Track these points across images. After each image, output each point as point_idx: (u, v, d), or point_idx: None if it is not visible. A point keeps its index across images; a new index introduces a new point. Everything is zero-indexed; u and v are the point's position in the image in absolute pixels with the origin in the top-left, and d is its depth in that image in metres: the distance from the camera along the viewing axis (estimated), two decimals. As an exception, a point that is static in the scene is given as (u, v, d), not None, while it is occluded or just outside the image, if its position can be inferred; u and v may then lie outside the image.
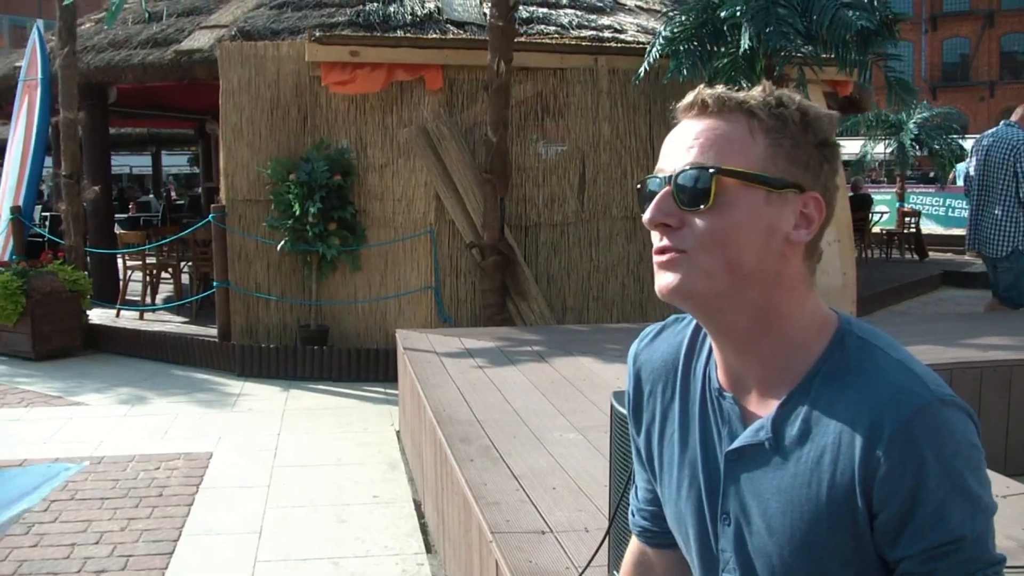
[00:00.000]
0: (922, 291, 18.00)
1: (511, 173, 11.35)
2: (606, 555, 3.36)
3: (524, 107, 11.94)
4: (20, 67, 15.02)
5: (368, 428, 9.08)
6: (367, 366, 11.20)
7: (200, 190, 27.81)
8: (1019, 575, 3.28)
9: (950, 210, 29.98)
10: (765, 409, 1.77)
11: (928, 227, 27.26)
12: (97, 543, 6.29)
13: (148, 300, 14.58)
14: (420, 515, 6.74)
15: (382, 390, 10.55)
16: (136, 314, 13.97)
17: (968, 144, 31.52)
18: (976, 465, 1.63)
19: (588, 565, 3.15)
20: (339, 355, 11.26)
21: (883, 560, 1.69)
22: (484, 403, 6.27)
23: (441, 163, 11.48)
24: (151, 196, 32.35)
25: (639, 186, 1.79)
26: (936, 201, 30.58)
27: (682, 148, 1.72)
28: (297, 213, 11.21)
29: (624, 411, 3.12)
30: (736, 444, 1.79)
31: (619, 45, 12.44)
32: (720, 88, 1.73)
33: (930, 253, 23.23)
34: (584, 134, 12.15)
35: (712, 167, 1.66)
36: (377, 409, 9.84)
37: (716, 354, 1.86)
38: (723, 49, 10.57)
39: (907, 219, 24.23)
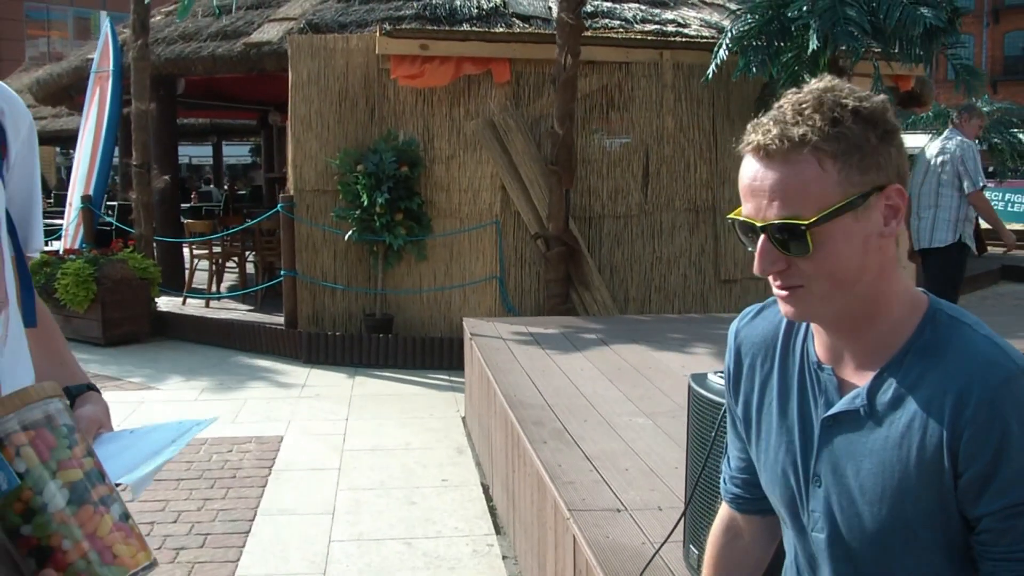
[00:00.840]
0: (980, 285, 17.91)
1: (576, 165, 11.45)
2: (682, 531, 3.47)
3: (589, 100, 12.04)
4: (92, 59, 15.25)
5: (434, 414, 9.23)
6: (431, 354, 11.34)
7: (259, 181, 27.97)
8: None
9: (1009, 204, 29.78)
10: (861, 380, 1.91)
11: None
12: (175, 522, 6.46)
13: (214, 288, 14.77)
14: (488, 498, 6.87)
15: (447, 377, 10.70)
16: (202, 302, 14.15)
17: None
18: None
19: (667, 540, 3.26)
20: (404, 343, 11.41)
21: (966, 521, 1.81)
22: (553, 388, 6.39)
23: (507, 155, 11.60)
24: (212, 186, 32.64)
25: (730, 221, 1.91)
26: (995, 196, 30.34)
27: (763, 198, 1.81)
28: (365, 203, 11.35)
29: (703, 392, 3.25)
30: (833, 411, 1.94)
31: (683, 40, 12.50)
32: (771, 124, 1.81)
33: (988, 247, 23.10)
34: (648, 127, 12.24)
35: (803, 224, 1.76)
36: (443, 396, 9.99)
37: (816, 332, 2.01)
38: (788, 44, 10.62)
39: (967, 214, 24.02)
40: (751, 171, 1.84)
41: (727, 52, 10.78)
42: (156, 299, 13.32)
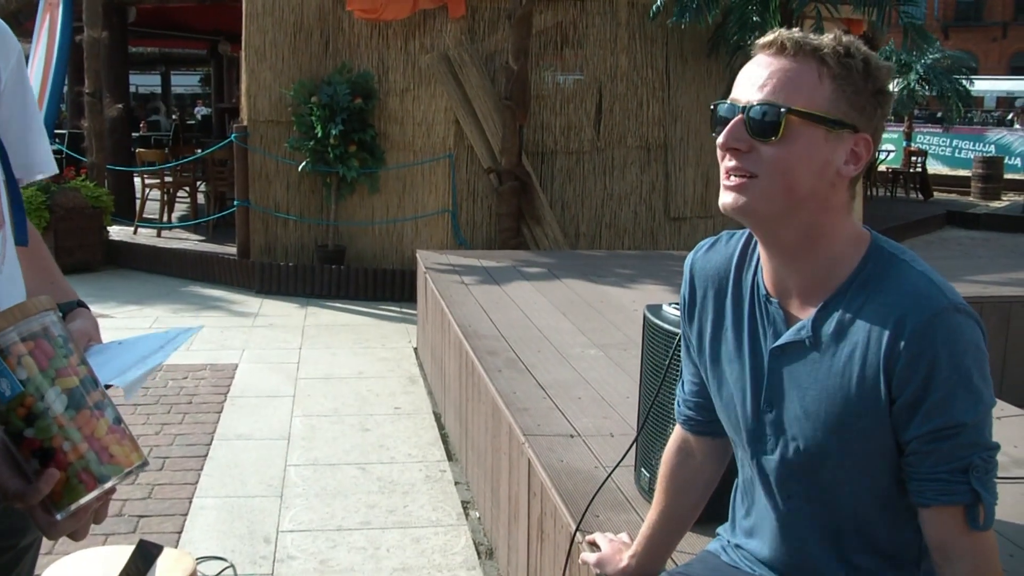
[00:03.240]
0: (926, 230, 18.16)
1: (530, 101, 11.52)
2: (634, 456, 3.61)
3: (544, 37, 12.10)
4: (42, -15, 15.09)
5: (386, 344, 9.35)
6: (383, 286, 11.45)
7: (205, 111, 27.74)
8: (1009, 484, 3.54)
9: (956, 151, 30.08)
10: (806, 313, 2.10)
11: (934, 167, 27.33)
12: (133, 445, 6.53)
13: (165, 218, 14.77)
14: (440, 427, 7.01)
15: (398, 309, 10.82)
16: (153, 232, 14.16)
17: (979, 85, 31.33)
18: (981, 365, 1.95)
19: (620, 463, 3.38)
20: (356, 275, 11.51)
21: (898, 443, 2.02)
22: (507, 320, 6.50)
23: (461, 89, 11.66)
24: (161, 115, 32.36)
25: (712, 107, 2.08)
26: (943, 142, 30.63)
27: (757, 83, 1.99)
28: (319, 135, 11.39)
29: (657, 322, 3.37)
30: (780, 342, 2.13)
31: (639, -23, 12.56)
32: (798, 32, 1.99)
33: (935, 193, 23.35)
34: (602, 65, 12.32)
35: (783, 107, 1.94)
36: (395, 327, 10.11)
37: (764, 264, 2.18)
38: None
39: (913, 158, 24.26)
40: (755, 63, 2.03)
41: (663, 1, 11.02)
42: (108, 228, 13.29)
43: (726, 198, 2.03)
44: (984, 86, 38.17)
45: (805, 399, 2.08)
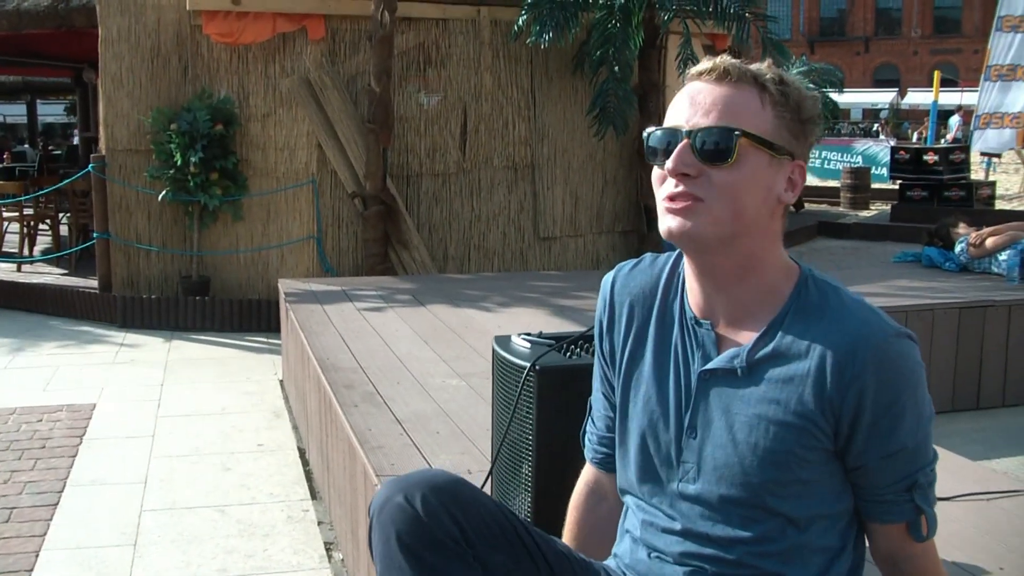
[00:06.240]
0: (798, 241, 18.31)
1: (393, 123, 11.36)
2: (489, 494, 3.47)
3: (406, 57, 11.95)
4: None
5: (251, 377, 9.12)
6: (249, 316, 11.20)
7: (76, 140, 27.26)
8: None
9: (825, 162, 30.53)
10: (738, 338, 2.09)
11: (804, 178, 27.66)
12: (-20, 495, 6.27)
13: (26, 252, 14.38)
14: (305, 462, 6.81)
15: (265, 340, 10.58)
16: (13, 266, 13.74)
17: (845, 98, 31.85)
18: (922, 384, 1.99)
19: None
20: (221, 305, 11.25)
21: (841, 461, 2.04)
22: (367, 350, 6.35)
23: (323, 113, 11.47)
24: (27, 146, 31.72)
25: (644, 135, 2.08)
26: (812, 153, 30.90)
27: (702, 108, 1.99)
28: (179, 163, 11.12)
29: (505, 355, 3.24)
30: (710, 366, 2.09)
31: (501, -4, 12.49)
32: (734, 60, 2.01)
33: (806, 204, 23.60)
34: (466, 84, 12.21)
35: (737, 130, 1.95)
36: (260, 359, 9.88)
37: (691, 288, 2.15)
38: (600, 1, 10.70)
39: (783, 170, 24.50)
40: (694, 90, 2.03)
41: (524, 20, 11.00)
42: (-38, 264, 12.90)
43: (671, 223, 2.00)
44: (850, 98, 38.90)
45: (733, 427, 2.05)
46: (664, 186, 2.03)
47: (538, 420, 3.09)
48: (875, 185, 25.04)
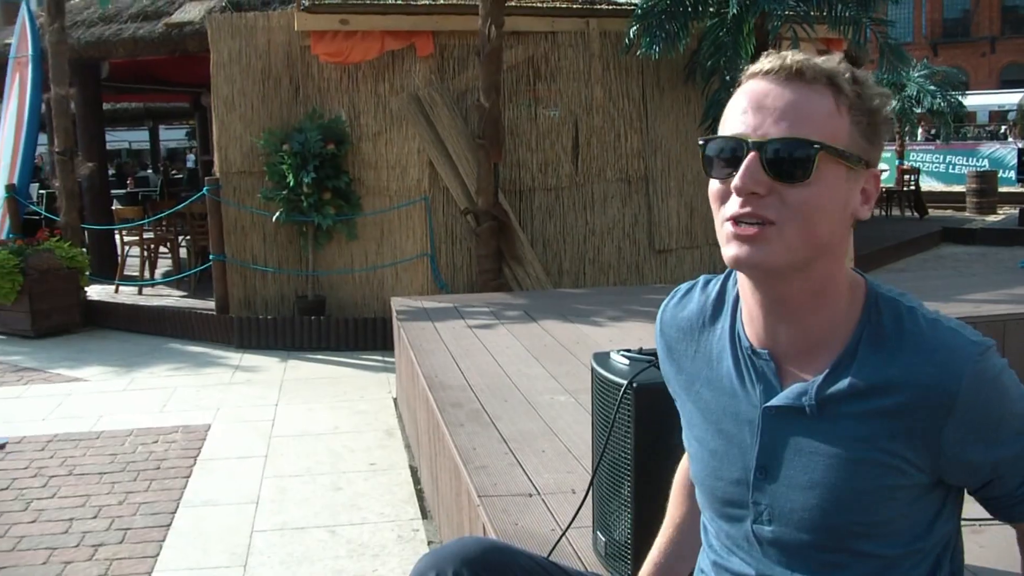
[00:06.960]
0: (921, 248, 17.98)
1: (504, 138, 11.31)
2: (590, 514, 3.37)
3: (515, 72, 11.91)
4: (11, 44, 14.95)
5: (365, 396, 9.10)
6: (364, 335, 11.19)
7: (194, 163, 27.67)
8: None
9: (950, 167, 29.99)
10: (803, 369, 1.85)
11: (928, 184, 27.24)
12: (95, 517, 6.30)
13: (146, 275, 14.58)
14: (416, 481, 6.75)
15: (380, 358, 10.57)
16: (135, 289, 13.96)
17: (971, 100, 31.34)
18: (1015, 383, 1.82)
19: (569, 526, 3.16)
20: (336, 325, 11.26)
21: (945, 489, 1.88)
22: (476, 368, 6.29)
23: (433, 130, 11.46)
24: (149, 171, 32.28)
25: (701, 144, 1.81)
26: (936, 158, 30.54)
27: (771, 115, 1.71)
28: (291, 184, 11.18)
29: (603, 372, 3.14)
30: (776, 402, 1.86)
31: (610, 7, 12.39)
32: (803, 56, 1.74)
33: (930, 210, 23.20)
34: (576, 97, 12.13)
35: (817, 143, 1.68)
36: (375, 377, 9.86)
37: (750, 315, 1.91)
38: (711, 9, 10.55)
39: (906, 176, 24.15)
40: (759, 89, 1.75)
41: (634, 32, 10.89)
42: (86, 288, 13.08)
43: (737, 251, 1.73)
44: (976, 100, 38.15)
45: (809, 467, 1.84)
46: (727, 205, 1.75)
47: (636, 438, 2.97)
48: (1002, 188, 24.55)
